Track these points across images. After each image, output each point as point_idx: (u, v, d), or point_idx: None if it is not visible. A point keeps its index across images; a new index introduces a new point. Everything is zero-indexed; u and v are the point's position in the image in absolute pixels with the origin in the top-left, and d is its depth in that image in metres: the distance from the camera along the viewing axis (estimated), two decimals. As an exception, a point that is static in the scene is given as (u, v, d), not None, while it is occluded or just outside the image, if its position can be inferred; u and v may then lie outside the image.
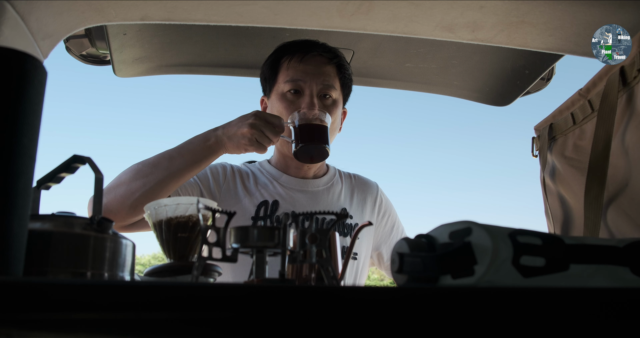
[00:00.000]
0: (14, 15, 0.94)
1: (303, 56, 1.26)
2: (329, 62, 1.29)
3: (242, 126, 1.09)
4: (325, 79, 1.26)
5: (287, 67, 1.27)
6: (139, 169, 1.12)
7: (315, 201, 1.31)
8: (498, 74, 1.55)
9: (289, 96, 1.25)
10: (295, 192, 1.30)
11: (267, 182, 1.31)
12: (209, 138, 1.13)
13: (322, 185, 1.35)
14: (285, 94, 1.26)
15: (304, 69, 1.25)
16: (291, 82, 1.25)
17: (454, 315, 0.38)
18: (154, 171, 1.10)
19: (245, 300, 0.35)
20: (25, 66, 0.41)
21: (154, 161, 1.13)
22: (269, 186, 1.30)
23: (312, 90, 1.24)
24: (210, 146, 1.12)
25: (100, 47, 1.36)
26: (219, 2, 1.10)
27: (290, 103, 1.24)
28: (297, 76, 1.25)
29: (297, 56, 1.26)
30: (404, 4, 1.12)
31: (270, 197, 1.27)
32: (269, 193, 1.28)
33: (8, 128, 0.39)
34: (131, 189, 1.09)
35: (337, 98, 1.30)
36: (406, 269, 0.49)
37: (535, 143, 1.21)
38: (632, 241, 0.54)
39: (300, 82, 1.25)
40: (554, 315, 0.39)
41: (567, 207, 1.05)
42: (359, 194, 1.40)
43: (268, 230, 0.58)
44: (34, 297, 0.32)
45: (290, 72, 1.26)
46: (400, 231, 1.46)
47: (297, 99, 1.25)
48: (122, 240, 0.53)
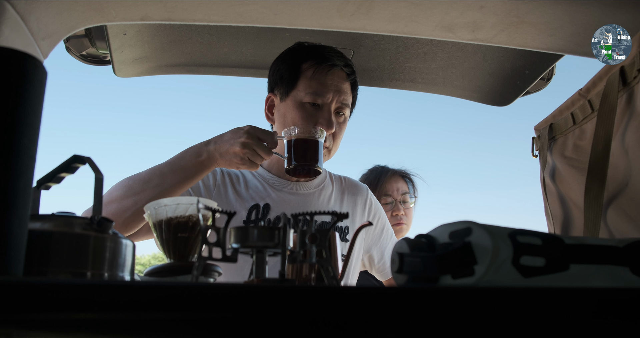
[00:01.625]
0: (14, 15, 0.94)
1: (329, 69, 1.25)
2: (347, 78, 1.29)
3: (235, 145, 1.07)
4: (344, 98, 1.27)
5: (310, 77, 1.25)
6: (130, 186, 1.10)
7: (307, 203, 1.31)
8: (498, 74, 1.55)
9: (308, 107, 1.24)
10: (286, 195, 1.30)
11: (258, 184, 1.31)
12: (200, 153, 1.11)
13: (313, 188, 1.36)
14: (304, 105, 1.24)
15: (327, 84, 1.24)
16: (313, 95, 1.23)
17: (454, 315, 0.38)
18: (145, 189, 1.09)
19: (245, 300, 0.35)
20: (25, 66, 0.41)
21: (145, 177, 1.11)
22: (260, 189, 1.30)
23: (331, 106, 1.25)
24: (202, 162, 1.11)
25: (100, 47, 1.36)
26: (219, 2, 1.10)
27: (309, 115, 1.24)
28: (320, 90, 1.24)
29: (323, 68, 1.25)
30: (404, 4, 1.12)
31: (262, 200, 1.27)
32: (260, 196, 1.28)
33: (8, 128, 0.39)
34: (122, 207, 1.07)
35: (347, 116, 1.31)
36: (406, 269, 0.49)
37: (535, 143, 1.21)
38: (632, 241, 0.54)
39: (322, 98, 1.24)
40: (554, 315, 0.39)
41: (567, 207, 1.04)
42: (349, 197, 1.41)
43: (268, 230, 0.58)
44: (34, 297, 0.32)
45: (313, 84, 1.24)
46: (390, 233, 1.48)
47: (315, 112, 1.24)
48: (122, 240, 0.53)
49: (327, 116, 1.23)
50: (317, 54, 1.27)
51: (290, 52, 1.31)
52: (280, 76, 1.30)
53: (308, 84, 1.24)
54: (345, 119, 1.30)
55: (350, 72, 1.29)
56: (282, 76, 1.29)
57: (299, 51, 1.30)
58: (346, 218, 0.63)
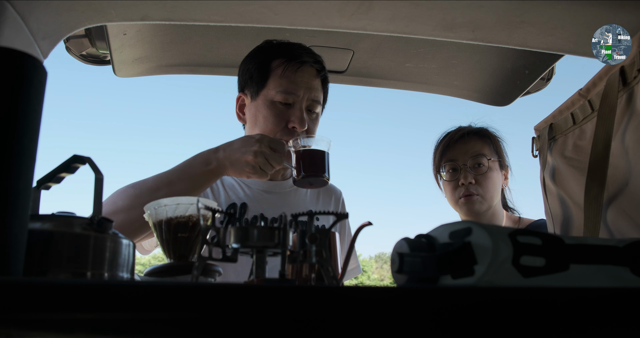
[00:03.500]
0: (14, 15, 0.94)
1: (299, 66, 1.24)
2: (317, 75, 1.28)
3: (247, 153, 1.06)
4: (315, 94, 1.25)
5: (280, 75, 1.23)
6: (137, 196, 1.07)
7: (284, 202, 1.31)
8: (498, 74, 1.56)
9: (279, 105, 1.24)
10: (262, 193, 1.30)
11: (234, 183, 1.30)
12: (209, 161, 1.10)
13: (289, 187, 1.35)
14: (275, 103, 1.24)
15: (298, 81, 1.23)
16: (284, 94, 1.22)
17: (454, 315, 0.38)
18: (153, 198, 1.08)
19: (245, 300, 0.35)
20: (25, 66, 0.41)
21: (152, 186, 1.09)
22: (236, 188, 1.28)
23: (302, 104, 1.24)
24: (211, 170, 1.09)
25: (100, 47, 1.36)
26: (219, 2, 1.10)
27: (279, 113, 1.23)
28: (291, 88, 1.23)
29: (292, 65, 1.24)
30: (404, 4, 1.12)
31: (238, 199, 1.26)
32: (237, 195, 1.27)
33: (8, 128, 0.39)
34: (130, 218, 1.04)
35: (318, 113, 1.30)
36: (406, 269, 0.49)
37: (535, 143, 1.21)
38: (632, 241, 0.54)
39: (292, 96, 1.23)
40: (554, 315, 0.39)
41: (567, 207, 1.04)
42: (324, 196, 1.42)
43: (268, 230, 0.58)
44: (34, 296, 0.32)
45: (283, 82, 1.23)
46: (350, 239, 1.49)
47: (287, 110, 1.23)
48: (122, 240, 0.53)
49: (299, 114, 1.22)
50: (287, 51, 1.26)
51: (259, 51, 1.29)
52: (249, 75, 1.28)
53: (278, 83, 1.23)
54: (317, 115, 1.29)
55: (320, 68, 1.28)
56: (251, 75, 1.27)
57: (268, 49, 1.28)
58: (346, 218, 0.63)
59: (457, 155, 1.50)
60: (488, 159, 1.49)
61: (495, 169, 1.51)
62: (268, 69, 1.25)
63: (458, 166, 1.50)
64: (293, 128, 1.23)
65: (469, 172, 1.48)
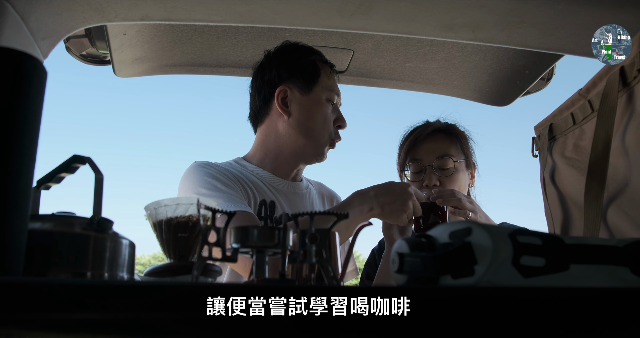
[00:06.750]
0: (14, 15, 0.94)
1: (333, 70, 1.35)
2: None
3: (405, 203, 1.14)
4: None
5: (328, 76, 1.32)
6: None
7: (302, 203, 1.34)
8: (498, 74, 1.55)
9: (329, 105, 1.32)
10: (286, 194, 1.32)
11: (257, 181, 1.29)
12: (370, 206, 1.14)
13: (304, 189, 1.39)
14: (328, 102, 1.32)
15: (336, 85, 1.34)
16: (335, 94, 1.32)
17: (454, 315, 0.38)
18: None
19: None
20: (25, 66, 0.41)
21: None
22: (261, 186, 1.28)
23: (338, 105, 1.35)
24: (371, 214, 1.15)
25: (100, 47, 1.36)
26: (219, 2, 1.11)
27: (330, 113, 1.32)
28: (337, 90, 1.34)
29: (332, 69, 1.34)
30: (404, 4, 1.12)
31: (267, 198, 1.27)
32: (265, 194, 1.28)
33: (8, 128, 0.39)
34: None
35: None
36: (406, 269, 0.49)
37: (535, 143, 1.21)
38: (632, 241, 0.54)
39: (339, 97, 1.34)
40: (554, 315, 0.39)
41: (567, 207, 1.04)
42: (326, 199, 1.48)
43: (268, 229, 0.58)
44: (34, 296, 0.32)
45: (331, 83, 1.32)
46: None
47: (333, 110, 1.33)
48: (122, 240, 0.53)
49: (341, 115, 1.34)
50: (322, 56, 1.35)
51: (301, 48, 1.33)
52: (297, 69, 1.30)
53: (327, 83, 1.31)
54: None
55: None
56: (300, 69, 1.30)
57: (309, 49, 1.33)
58: (346, 218, 0.63)
59: (422, 155, 1.42)
60: (454, 161, 1.41)
61: (461, 170, 1.44)
62: (318, 66, 1.31)
63: (423, 166, 1.42)
64: (339, 126, 1.33)
65: (433, 173, 1.40)
